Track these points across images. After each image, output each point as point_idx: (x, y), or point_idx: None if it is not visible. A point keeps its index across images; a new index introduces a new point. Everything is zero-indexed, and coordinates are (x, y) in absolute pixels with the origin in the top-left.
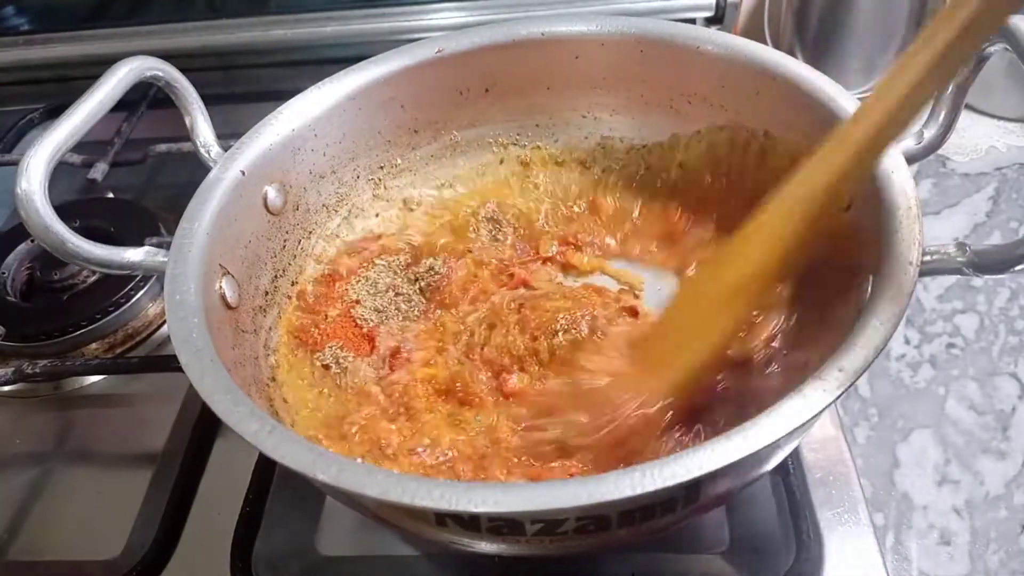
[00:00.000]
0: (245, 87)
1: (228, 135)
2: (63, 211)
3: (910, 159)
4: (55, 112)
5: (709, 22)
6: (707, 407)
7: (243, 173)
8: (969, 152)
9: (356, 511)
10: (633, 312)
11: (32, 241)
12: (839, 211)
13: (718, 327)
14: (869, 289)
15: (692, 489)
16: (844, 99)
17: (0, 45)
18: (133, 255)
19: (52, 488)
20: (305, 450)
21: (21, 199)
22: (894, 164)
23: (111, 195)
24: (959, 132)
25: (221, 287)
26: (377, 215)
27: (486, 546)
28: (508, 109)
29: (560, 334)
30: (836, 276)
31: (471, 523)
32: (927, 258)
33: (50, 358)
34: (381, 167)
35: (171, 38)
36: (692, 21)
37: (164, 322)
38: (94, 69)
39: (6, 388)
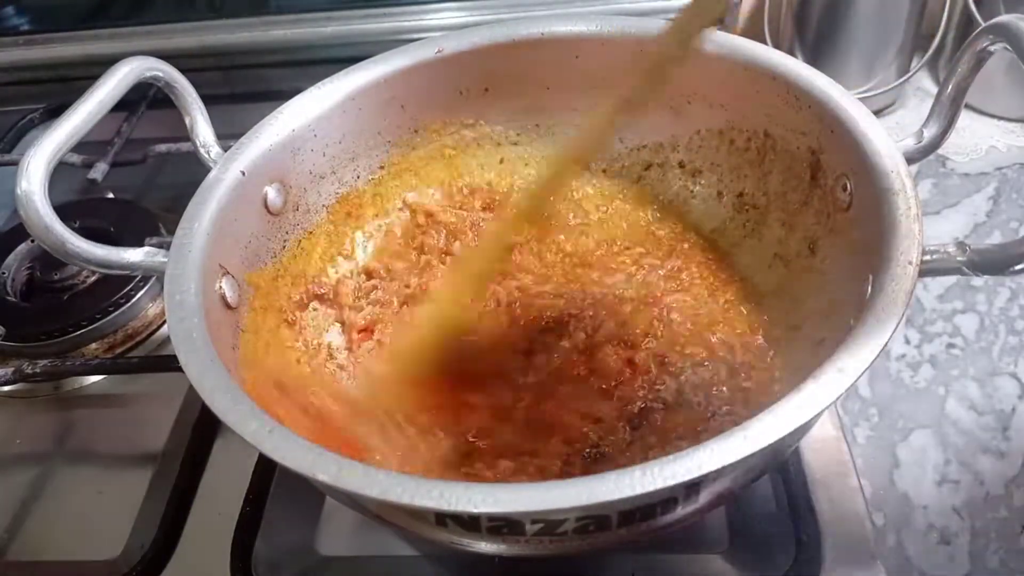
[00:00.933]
0: (245, 87)
1: (228, 135)
2: (63, 211)
3: (910, 159)
4: (55, 112)
5: None
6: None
7: (243, 173)
8: (969, 152)
9: (356, 511)
10: None
11: (32, 241)
12: (839, 211)
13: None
14: (869, 289)
15: (692, 489)
16: (844, 99)
17: (0, 45)
18: (133, 255)
19: (52, 488)
20: (305, 450)
21: (21, 199)
22: (894, 163)
23: (111, 195)
24: (959, 132)
25: (221, 287)
26: (377, 215)
27: (486, 546)
28: (508, 109)
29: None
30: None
31: (471, 523)
32: (927, 258)
33: (50, 358)
34: (381, 167)
35: (171, 38)
36: None
37: (164, 322)
38: (94, 69)
39: (6, 388)
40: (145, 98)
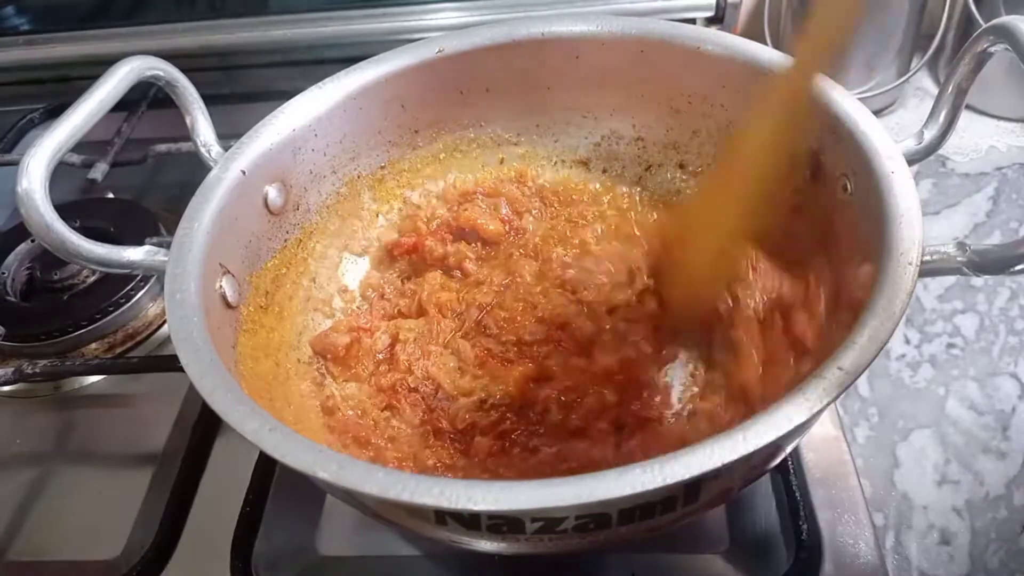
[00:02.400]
0: (245, 87)
1: (228, 135)
2: (63, 211)
3: (910, 159)
4: (55, 112)
5: (709, 22)
6: None
7: (244, 173)
8: (969, 152)
9: (356, 509)
10: None
11: (32, 241)
12: (838, 192)
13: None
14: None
15: (692, 488)
16: (844, 99)
17: (0, 45)
18: (133, 254)
19: (52, 488)
20: (305, 448)
21: (22, 199)
22: (894, 164)
23: (111, 195)
24: (959, 132)
25: (221, 286)
26: (378, 215)
27: (486, 545)
28: (508, 109)
29: None
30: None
31: (471, 521)
32: (927, 258)
33: (50, 358)
34: (382, 167)
35: (171, 38)
36: (692, 21)
37: (164, 322)
38: (94, 69)
39: (6, 388)
40: (145, 98)
